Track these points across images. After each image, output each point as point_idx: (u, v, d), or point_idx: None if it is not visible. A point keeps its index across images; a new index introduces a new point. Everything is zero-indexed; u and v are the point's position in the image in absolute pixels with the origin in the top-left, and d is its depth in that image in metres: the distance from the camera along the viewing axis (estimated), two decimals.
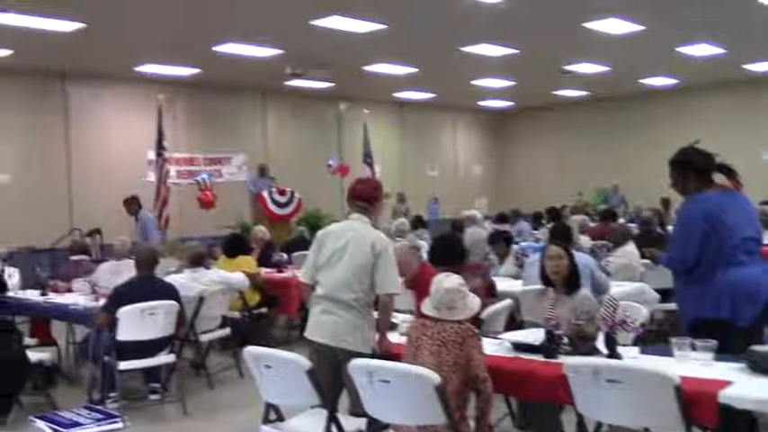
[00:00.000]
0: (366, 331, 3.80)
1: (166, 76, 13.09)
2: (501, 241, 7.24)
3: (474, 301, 3.57)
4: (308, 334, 3.92)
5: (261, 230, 8.86)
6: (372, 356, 3.68)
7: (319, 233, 4.04)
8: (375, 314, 3.88)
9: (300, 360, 3.45)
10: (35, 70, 12.17)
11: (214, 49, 11.16)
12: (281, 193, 11.91)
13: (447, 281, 3.55)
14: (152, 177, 11.63)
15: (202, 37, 10.57)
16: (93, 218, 10.61)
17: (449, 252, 4.97)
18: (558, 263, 4.13)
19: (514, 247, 7.51)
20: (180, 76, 13.27)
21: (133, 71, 12.63)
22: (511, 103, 19.40)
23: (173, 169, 12.59)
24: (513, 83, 15.75)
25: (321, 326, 3.84)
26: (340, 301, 3.79)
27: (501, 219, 11.66)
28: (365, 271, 3.76)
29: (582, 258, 4.86)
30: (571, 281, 4.12)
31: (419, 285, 4.62)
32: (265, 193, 11.75)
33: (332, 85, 14.76)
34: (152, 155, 11.69)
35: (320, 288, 3.88)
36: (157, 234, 9.84)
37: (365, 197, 3.97)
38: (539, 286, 4.35)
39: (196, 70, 12.91)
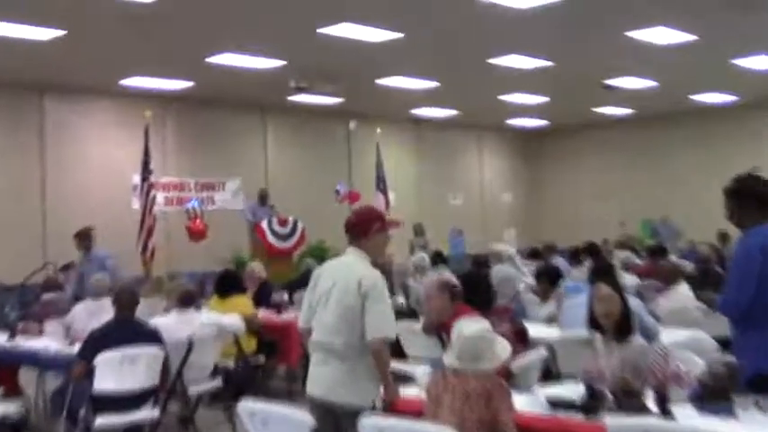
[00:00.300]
0: (363, 382, 3.80)
1: (154, 90, 13.24)
2: (544, 277, 7.13)
3: (503, 349, 3.54)
4: (307, 387, 3.94)
5: (255, 267, 8.83)
6: (373, 410, 3.67)
7: (315, 271, 4.12)
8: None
9: (302, 417, 3.43)
10: (9, 83, 12.33)
11: (208, 60, 11.28)
12: (282, 223, 11.92)
13: (470, 326, 3.53)
14: (136, 204, 11.68)
15: (195, 46, 10.70)
16: (69, 250, 10.63)
17: (473, 293, 4.95)
18: (610, 305, 4.08)
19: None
20: (169, 91, 13.41)
21: (117, 85, 12.78)
22: (544, 122, 19.43)
23: (160, 195, 12.64)
24: (546, 99, 15.79)
25: (316, 378, 3.88)
26: (332, 350, 3.83)
27: (533, 254, 11.59)
28: (353, 313, 3.77)
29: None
30: (624, 326, 4.07)
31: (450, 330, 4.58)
32: (264, 224, 11.77)
33: (341, 100, 14.85)
34: (137, 179, 11.75)
35: (314, 334, 3.94)
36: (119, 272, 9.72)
37: (359, 229, 4.00)
38: (579, 332, 4.31)
39: (188, 84, 13.05)
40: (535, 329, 5.83)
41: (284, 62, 11.64)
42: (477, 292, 5.06)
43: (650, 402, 3.47)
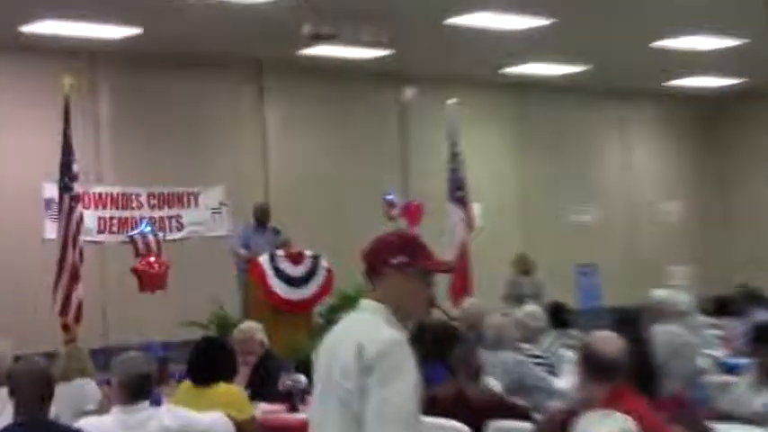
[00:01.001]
0: None
1: (79, 40, 13.39)
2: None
3: None
4: None
5: (250, 330, 8.86)
6: None
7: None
8: None
9: None
10: None
11: None
12: (295, 259, 11.96)
13: (602, 424, 3.45)
14: (51, 232, 11.79)
15: None
16: None
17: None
18: None
19: None
20: (104, 42, 13.57)
21: (18, 33, 12.94)
22: (737, 81, 19.24)
23: (90, 216, 12.76)
24: (741, 41, 15.63)
25: None
26: None
27: (721, 307, 11.50)
28: (347, 406, 3.80)
29: None
30: None
31: None
32: (265, 260, 11.81)
33: (387, 53, 14.88)
34: (52, 190, 11.87)
35: None
36: None
37: (369, 265, 4.04)
38: None
39: (133, 30, 13.17)
40: None
41: None
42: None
43: None
